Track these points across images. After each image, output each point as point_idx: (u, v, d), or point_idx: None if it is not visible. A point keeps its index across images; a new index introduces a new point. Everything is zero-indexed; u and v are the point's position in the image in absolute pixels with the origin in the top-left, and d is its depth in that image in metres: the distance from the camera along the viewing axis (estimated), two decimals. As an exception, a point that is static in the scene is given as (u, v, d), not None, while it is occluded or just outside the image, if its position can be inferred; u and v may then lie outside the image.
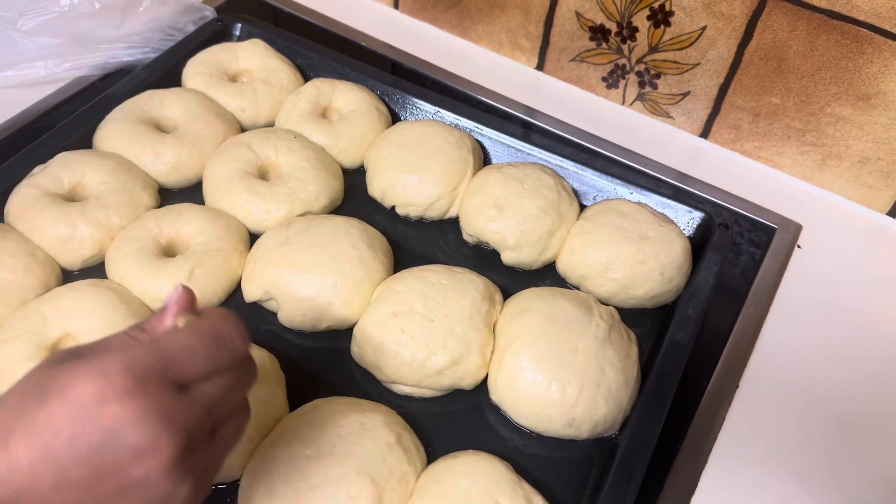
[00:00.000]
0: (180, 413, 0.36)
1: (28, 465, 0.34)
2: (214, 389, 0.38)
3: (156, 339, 0.38)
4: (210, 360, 0.38)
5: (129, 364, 0.35)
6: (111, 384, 0.34)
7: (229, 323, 0.40)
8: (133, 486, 0.35)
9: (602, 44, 0.88)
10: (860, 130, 0.79)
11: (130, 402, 0.34)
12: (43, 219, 0.67)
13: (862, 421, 0.67)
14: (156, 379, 0.36)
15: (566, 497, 0.59)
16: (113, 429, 0.34)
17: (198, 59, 0.85)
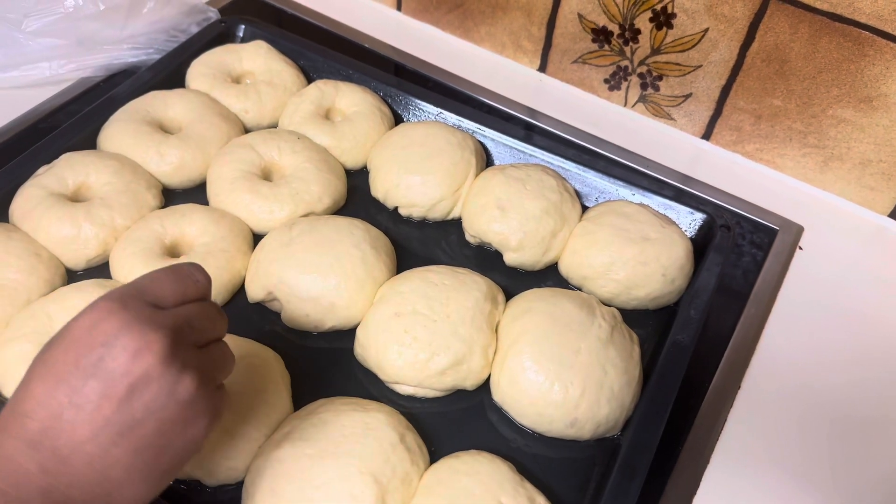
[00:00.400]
0: (160, 318, 0.41)
1: (45, 395, 0.39)
2: (187, 311, 0.43)
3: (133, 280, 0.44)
4: (176, 288, 0.44)
5: (109, 295, 0.41)
6: (97, 311, 0.40)
7: (189, 265, 0.46)
8: (140, 383, 0.39)
9: (604, 46, 0.88)
10: (862, 132, 0.79)
11: (114, 317, 0.40)
12: (47, 219, 0.67)
13: (864, 422, 0.67)
14: (133, 299, 0.41)
15: (568, 497, 0.59)
16: (106, 341, 0.39)
17: (201, 61, 0.85)
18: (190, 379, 0.41)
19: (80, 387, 0.39)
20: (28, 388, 0.39)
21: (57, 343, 0.40)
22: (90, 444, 0.39)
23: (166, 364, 0.40)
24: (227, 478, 0.56)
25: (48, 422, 0.39)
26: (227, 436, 0.56)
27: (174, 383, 0.40)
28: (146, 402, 0.40)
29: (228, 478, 0.56)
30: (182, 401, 0.41)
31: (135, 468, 0.40)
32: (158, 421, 0.40)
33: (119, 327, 0.39)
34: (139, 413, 0.40)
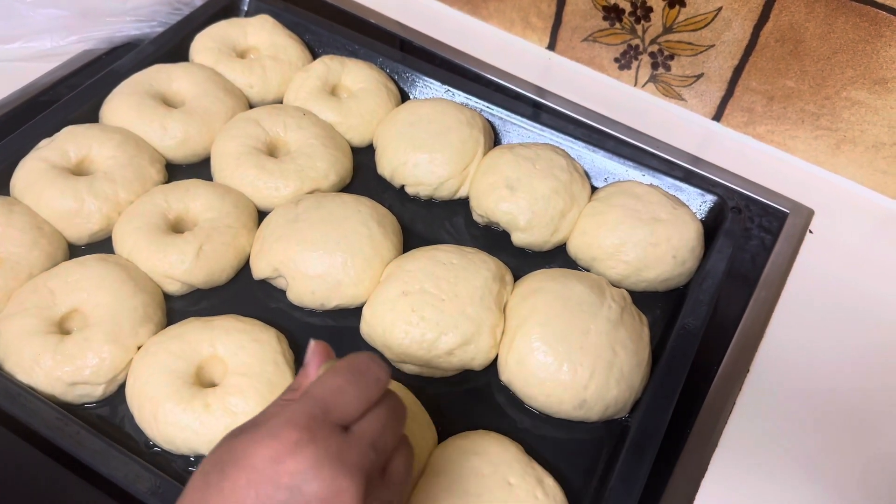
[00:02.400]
0: (351, 454, 0.37)
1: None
2: (374, 425, 0.39)
3: (306, 391, 0.39)
4: (360, 394, 0.39)
5: (291, 419, 0.36)
6: (281, 443, 0.36)
7: (365, 356, 0.41)
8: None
9: (615, 23, 0.87)
10: (876, 115, 0.78)
11: (302, 453, 0.35)
12: (50, 192, 0.66)
13: (872, 406, 0.67)
14: (319, 425, 0.37)
15: (576, 479, 0.58)
16: (292, 485, 0.35)
17: (206, 34, 0.83)
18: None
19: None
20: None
21: (233, 469, 0.36)
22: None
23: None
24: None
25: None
26: (229, 415, 0.55)
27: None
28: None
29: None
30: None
31: None
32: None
33: (306, 469, 0.35)
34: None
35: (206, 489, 0.37)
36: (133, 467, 0.53)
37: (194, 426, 0.55)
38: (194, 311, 0.65)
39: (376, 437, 0.39)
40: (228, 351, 0.58)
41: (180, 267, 0.64)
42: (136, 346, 0.60)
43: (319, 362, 0.42)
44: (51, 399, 0.57)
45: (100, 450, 0.53)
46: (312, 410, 0.37)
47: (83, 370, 0.57)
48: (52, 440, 0.54)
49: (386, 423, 0.40)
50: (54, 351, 0.57)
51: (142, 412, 0.56)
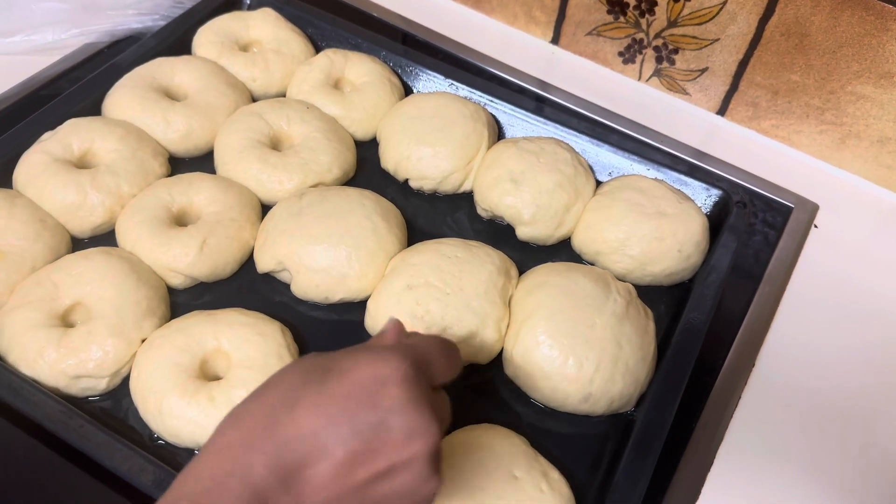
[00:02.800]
0: (439, 408, 0.39)
1: (312, 434, 0.36)
2: (445, 401, 0.42)
3: (410, 343, 0.41)
4: (446, 368, 0.42)
5: (402, 355, 0.38)
6: (391, 368, 0.37)
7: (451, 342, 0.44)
8: (399, 468, 0.37)
9: (620, 17, 0.86)
10: (881, 109, 0.78)
11: (407, 386, 0.37)
12: (52, 185, 0.66)
13: (878, 402, 0.67)
14: (423, 373, 0.39)
15: (581, 473, 0.58)
16: (389, 408, 0.37)
17: (208, 28, 0.83)
18: (436, 481, 0.39)
19: (346, 442, 0.36)
20: (294, 413, 0.36)
21: (336, 375, 0.37)
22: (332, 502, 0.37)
23: (428, 460, 0.38)
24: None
25: (305, 461, 0.36)
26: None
27: (425, 481, 0.39)
28: (396, 486, 0.38)
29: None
30: (422, 498, 0.39)
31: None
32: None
33: (406, 400, 0.37)
34: (385, 492, 0.38)
35: (304, 386, 0.37)
36: (137, 460, 0.52)
37: (199, 419, 0.55)
38: (198, 305, 0.65)
39: (446, 411, 0.42)
40: (232, 344, 0.58)
41: (184, 260, 0.63)
42: (140, 339, 0.59)
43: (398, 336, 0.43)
44: (54, 392, 0.57)
45: (103, 443, 0.53)
46: (419, 358, 0.39)
47: (87, 363, 0.57)
48: (56, 433, 0.54)
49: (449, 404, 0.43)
50: (58, 344, 0.57)
51: (146, 405, 0.56)
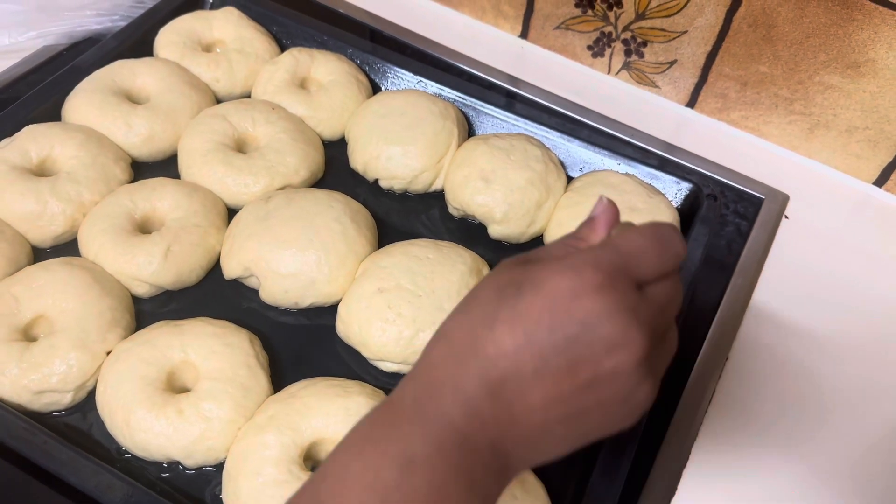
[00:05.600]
0: (643, 311, 0.37)
1: (514, 350, 0.36)
2: (663, 292, 0.39)
3: (612, 241, 0.39)
4: (660, 261, 0.39)
5: (596, 261, 0.37)
6: (583, 280, 0.36)
7: (669, 226, 0.40)
8: (603, 379, 0.36)
9: (588, 11, 0.86)
10: (848, 99, 0.78)
11: (602, 296, 0.36)
12: (11, 195, 0.64)
13: (851, 391, 0.67)
14: (621, 276, 0.37)
15: (557, 475, 0.58)
16: (587, 321, 0.36)
17: (170, 28, 0.81)
18: (649, 387, 0.38)
19: (547, 357, 0.36)
20: (494, 332, 0.36)
21: (531, 291, 0.37)
22: (539, 413, 0.37)
23: (636, 369, 0.37)
24: (205, 459, 0.55)
25: (508, 376, 0.36)
26: (203, 420, 0.54)
27: (635, 388, 0.37)
28: (602, 396, 0.37)
29: (207, 459, 0.55)
30: (631, 405, 0.38)
31: (563, 443, 0.39)
32: (603, 415, 0.38)
33: (602, 311, 0.36)
34: (591, 404, 0.37)
35: (500, 302, 0.37)
36: (105, 477, 0.51)
37: (168, 432, 0.54)
38: (164, 313, 0.64)
39: (664, 304, 0.39)
40: (200, 356, 0.56)
41: (148, 269, 0.62)
42: (105, 351, 0.58)
43: (609, 221, 0.41)
44: (17, 408, 0.56)
45: (69, 460, 0.52)
46: (615, 260, 0.37)
47: (50, 378, 0.56)
48: (19, 451, 0.52)
49: (673, 295, 0.40)
50: (20, 359, 0.56)
51: (114, 419, 0.55)
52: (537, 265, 0.38)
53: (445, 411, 0.36)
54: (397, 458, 0.35)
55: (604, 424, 0.39)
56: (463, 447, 0.36)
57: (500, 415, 0.36)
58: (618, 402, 0.37)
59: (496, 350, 0.36)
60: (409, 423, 0.36)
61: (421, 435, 0.35)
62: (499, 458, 0.37)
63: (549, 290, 0.36)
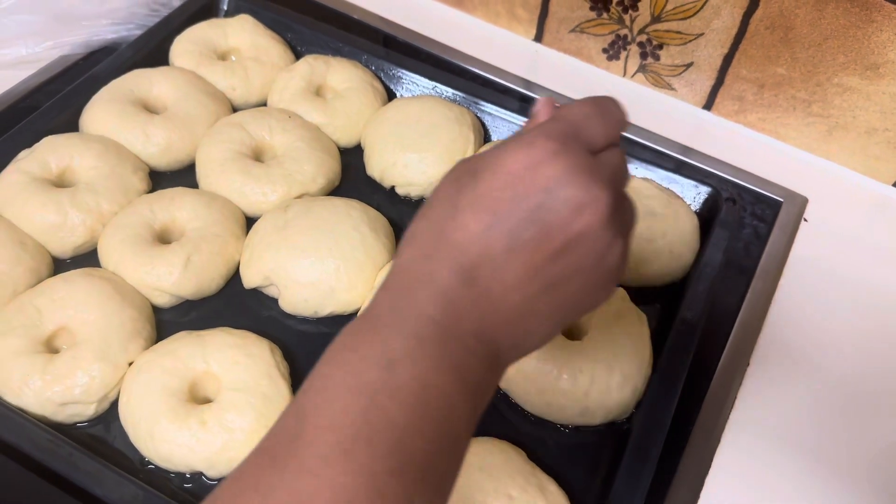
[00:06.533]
0: (601, 171, 0.37)
1: (481, 231, 0.36)
2: (616, 157, 0.40)
3: (558, 114, 0.39)
4: (605, 127, 0.39)
5: (545, 132, 0.37)
6: (537, 150, 0.36)
7: (608, 97, 0.41)
8: (575, 241, 0.37)
9: (603, 13, 0.85)
10: (867, 101, 0.77)
11: (559, 161, 0.36)
12: (31, 206, 0.64)
13: (874, 395, 0.66)
14: (573, 141, 0.37)
15: (580, 481, 0.58)
16: (549, 187, 0.36)
17: (185, 37, 0.81)
18: (620, 245, 0.38)
19: (516, 231, 0.36)
20: (458, 219, 0.36)
21: (488, 173, 0.37)
22: (517, 292, 0.37)
23: (605, 226, 0.37)
24: (228, 470, 0.55)
25: (481, 260, 0.36)
26: (226, 431, 0.54)
27: (607, 247, 0.37)
28: (576, 261, 0.37)
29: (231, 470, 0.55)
30: (609, 265, 0.38)
31: (549, 321, 0.39)
32: (582, 282, 0.38)
33: (562, 174, 0.36)
34: (568, 270, 0.37)
35: (459, 191, 0.37)
36: (129, 488, 0.52)
37: (191, 443, 0.54)
38: (185, 323, 0.64)
39: (617, 167, 0.39)
40: (222, 367, 0.57)
41: (168, 279, 0.62)
42: (127, 362, 0.58)
43: (549, 111, 0.42)
44: (41, 420, 0.56)
45: (94, 471, 0.52)
46: (565, 128, 0.38)
47: (73, 389, 0.56)
48: (45, 463, 0.52)
49: (622, 162, 0.40)
50: (43, 371, 0.56)
51: (137, 430, 0.55)
52: (489, 151, 0.38)
53: (422, 308, 0.35)
54: (379, 359, 0.34)
55: (584, 293, 0.39)
56: (444, 339, 0.35)
57: (478, 300, 0.36)
58: (593, 263, 0.38)
59: (464, 236, 0.36)
60: (387, 326, 0.35)
61: (400, 335, 0.35)
62: (484, 344, 0.36)
63: (506, 167, 0.37)
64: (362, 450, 0.32)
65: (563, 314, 0.39)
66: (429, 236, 0.37)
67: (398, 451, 0.32)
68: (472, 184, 0.37)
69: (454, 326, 0.36)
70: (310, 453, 0.32)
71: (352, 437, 0.32)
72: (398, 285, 0.37)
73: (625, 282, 0.69)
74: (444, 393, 0.34)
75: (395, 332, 0.35)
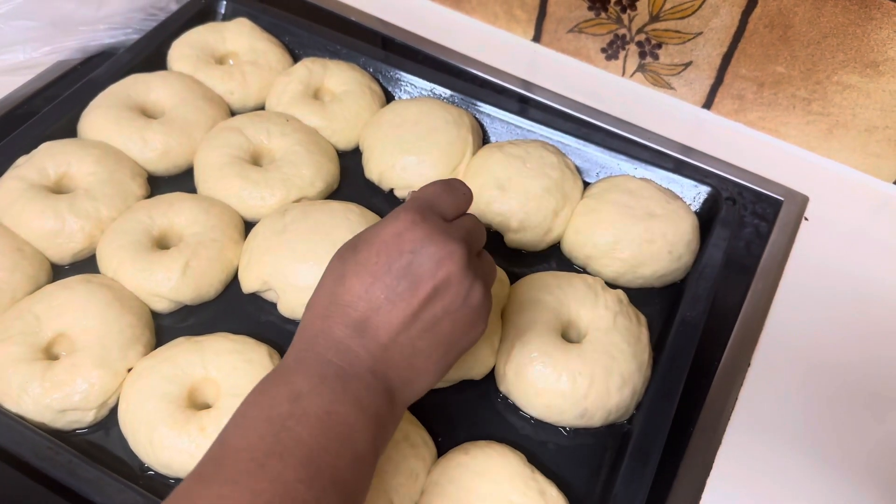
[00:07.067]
0: (453, 231, 0.47)
1: (365, 291, 0.45)
2: (467, 222, 0.49)
3: (414, 195, 0.49)
4: (454, 199, 0.49)
5: (406, 209, 0.47)
6: (401, 222, 0.46)
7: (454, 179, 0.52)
8: (442, 287, 0.45)
9: (601, 13, 0.85)
10: (868, 98, 0.77)
11: (419, 227, 0.45)
12: (29, 213, 0.64)
13: (875, 393, 0.66)
14: (428, 211, 0.47)
15: (581, 484, 0.58)
16: (414, 248, 0.45)
17: (183, 41, 0.81)
18: (479, 286, 0.47)
19: (393, 286, 0.44)
20: (346, 284, 0.45)
21: (365, 246, 0.46)
22: (403, 335, 0.45)
23: (464, 273, 0.45)
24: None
25: (368, 313, 0.44)
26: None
27: (469, 289, 0.46)
28: (445, 304, 0.45)
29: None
30: (472, 305, 0.47)
31: (432, 359, 0.46)
32: (453, 321, 0.46)
33: (423, 237, 0.45)
34: (440, 312, 0.45)
35: (343, 264, 0.46)
36: (129, 495, 0.51)
37: (190, 450, 0.54)
38: (183, 328, 0.64)
39: (470, 229, 0.49)
40: (221, 373, 0.56)
41: (167, 285, 0.62)
42: (126, 368, 0.58)
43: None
44: (41, 427, 0.56)
45: (93, 478, 0.52)
46: (421, 203, 0.47)
47: (72, 396, 0.56)
48: (44, 470, 0.52)
49: (476, 223, 0.50)
50: (42, 378, 0.56)
51: (136, 437, 0.55)
52: (364, 230, 0.47)
53: (322, 355, 0.44)
54: (287, 395, 0.42)
55: (457, 330, 0.47)
56: (343, 377, 0.43)
57: (369, 345, 0.44)
58: (459, 304, 0.46)
59: (351, 296, 0.45)
60: (294, 373, 0.43)
61: (305, 376, 0.43)
62: (380, 380, 0.44)
63: (379, 239, 0.45)
64: (275, 463, 0.39)
65: (443, 351, 0.47)
66: (324, 301, 0.46)
67: (307, 464, 0.39)
68: (353, 255, 0.46)
69: (351, 367, 0.43)
70: (230, 468, 0.39)
71: (266, 453, 0.39)
72: (301, 343, 0.45)
73: (624, 282, 0.69)
74: (346, 419, 0.42)
75: (300, 375, 0.43)
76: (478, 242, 0.50)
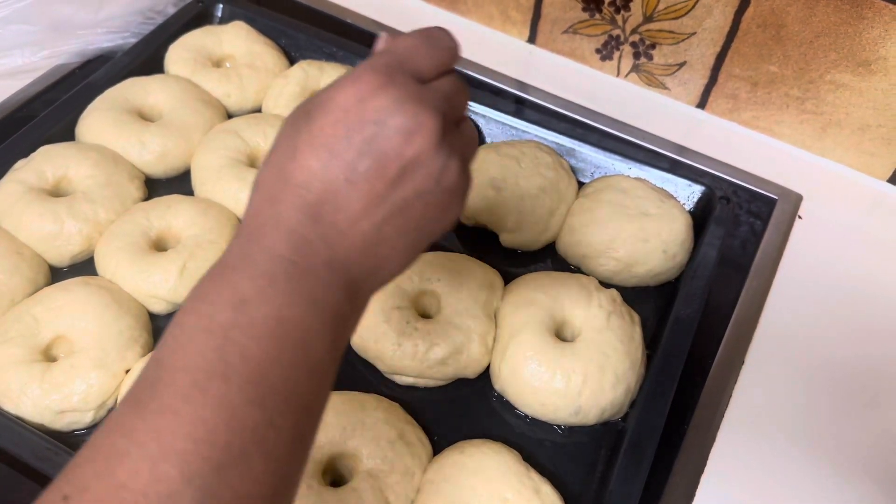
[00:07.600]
0: (428, 97, 0.38)
1: (321, 169, 0.37)
2: (446, 84, 0.41)
3: (384, 47, 0.41)
4: (433, 54, 0.41)
5: (370, 67, 0.38)
6: (364, 84, 0.37)
7: (438, 27, 0.43)
8: (411, 166, 0.38)
9: (595, 14, 0.86)
10: (860, 97, 0.77)
11: (385, 93, 0.37)
12: (28, 215, 0.65)
13: (868, 390, 0.67)
14: (398, 72, 0.38)
15: (575, 481, 0.58)
16: (379, 119, 0.37)
17: (180, 44, 0.82)
18: (455, 164, 0.40)
19: (354, 164, 0.37)
20: (298, 160, 0.37)
21: (321, 112, 0.38)
22: (364, 220, 0.38)
23: (436, 149, 0.38)
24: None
25: (325, 196, 0.37)
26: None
27: (442, 168, 0.39)
28: (416, 185, 0.39)
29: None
30: (446, 187, 0.40)
31: (399, 246, 0.40)
32: (424, 204, 0.39)
33: (390, 105, 0.37)
34: (409, 195, 0.39)
35: (296, 134, 0.38)
36: (127, 495, 0.52)
37: (187, 450, 0.54)
38: (182, 330, 0.64)
39: (449, 93, 0.40)
40: (218, 373, 0.57)
41: (164, 286, 0.63)
42: (124, 370, 0.59)
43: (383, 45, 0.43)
44: (40, 428, 0.56)
45: (92, 478, 0.52)
46: (390, 61, 0.39)
47: (71, 397, 0.56)
48: (43, 471, 0.53)
49: (457, 86, 0.41)
50: (41, 380, 0.56)
51: (133, 437, 0.56)
52: (322, 90, 0.39)
53: (270, 248, 0.37)
54: (229, 300, 0.35)
55: (430, 215, 0.40)
56: (296, 274, 0.36)
57: (326, 233, 0.37)
58: (432, 186, 0.39)
59: (305, 175, 0.37)
60: (236, 272, 0.36)
61: (249, 277, 0.36)
62: (338, 274, 0.38)
63: (336, 105, 0.37)
64: (219, 385, 0.33)
65: (413, 238, 0.40)
66: (273, 181, 0.38)
67: (256, 382, 0.34)
68: (307, 124, 0.38)
69: (305, 261, 0.37)
70: (169, 393, 0.33)
71: (208, 374, 0.33)
72: (247, 233, 0.38)
73: (619, 281, 0.69)
74: (300, 324, 0.36)
75: (244, 275, 0.36)
76: (457, 109, 0.42)
